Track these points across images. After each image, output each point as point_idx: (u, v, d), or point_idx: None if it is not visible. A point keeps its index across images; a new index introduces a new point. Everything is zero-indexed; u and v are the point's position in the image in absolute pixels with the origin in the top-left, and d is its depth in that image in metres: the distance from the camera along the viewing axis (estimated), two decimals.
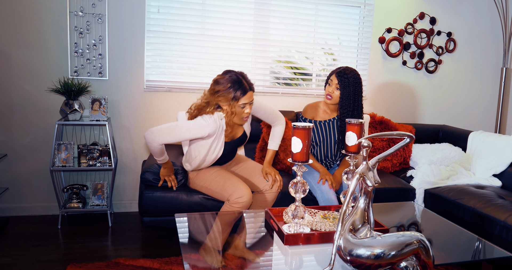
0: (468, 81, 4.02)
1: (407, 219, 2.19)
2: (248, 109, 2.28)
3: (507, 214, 2.26)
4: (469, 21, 3.91)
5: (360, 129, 1.82)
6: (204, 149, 2.36)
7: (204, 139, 2.34)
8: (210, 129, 2.26)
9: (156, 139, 2.22)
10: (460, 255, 1.79)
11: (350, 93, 2.56)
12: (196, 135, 2.27)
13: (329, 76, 2.65)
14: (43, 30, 2.95)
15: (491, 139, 3.11)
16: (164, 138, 2.23)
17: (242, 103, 2.24)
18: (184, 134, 2.25)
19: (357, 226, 1.51)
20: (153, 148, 2.27)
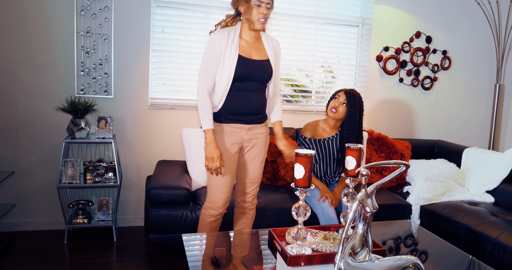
0: (463, 97, 4.13)
1: (404, 238, 2.28)
2: (264, 9, 2.14)
3: (499, 232, 2.36)
4: (464, 39, 4.03)
5: (359, 154, 1.92)
6: (217, 66, 2.19)
7: None
8: (218, 34, 2.18)
9: (198, 84, 2.20)
10: None
11: (356, 112, 2.70)
12: (211, 50, 2.17)
13: (337, 92, 2.78)
14: (51, 50, 3.04)
15: (484, 156, 3.22)
16: (200, 77, 2.19)
17: (256, 1, 2.11)
18: (205, 57, 2.19)
19: (357, 249, 1.60)
20: (199, 99, 2.20)
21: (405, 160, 3.36)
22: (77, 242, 3.05)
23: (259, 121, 2.33)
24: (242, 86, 2.21)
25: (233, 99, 2.22)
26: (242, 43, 2.21)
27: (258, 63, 2.22)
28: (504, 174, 2.99)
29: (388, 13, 3.76)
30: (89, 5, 3.02)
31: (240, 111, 2.24)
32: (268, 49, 2.28)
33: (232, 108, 2.23)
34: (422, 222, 2.85)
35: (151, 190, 2.58)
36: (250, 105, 2.25)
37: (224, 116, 2.26)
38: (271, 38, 2.34)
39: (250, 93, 2.24)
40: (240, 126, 2.27)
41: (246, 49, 2.21)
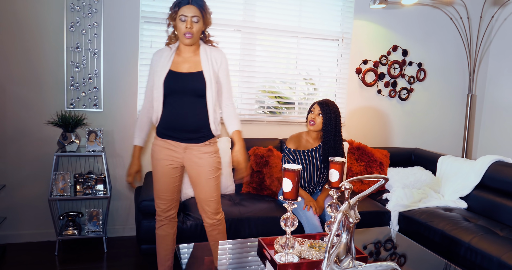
0: (438, 107, 4.35)
1: (383, 244, 2.43)
2: (189, 23, 2.12)
3: (471, 236, 2.54)
4: (438, 52, 4.25)
5: (341, 167, 2.06)
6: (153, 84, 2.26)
7: None
8: (157, 54, 2.29)
9: None
10: None
11: (332, 119, 2.84)
12: (149, 70, 2.31)
13: (312, 106, 2.92)
14: (41, 65, 3.11)
15: (458, 163, 3.41)
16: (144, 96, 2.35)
17: (181, 14, 2.12)
18: (148, 77, 2.33)
19: (341, 256, 1.73)
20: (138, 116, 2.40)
21: (384, 168, 3.53)
22: (67, 253, 3.11)
23: (198, 140, 2.26)
24: (176, 101, 2.19)
25: (167, 115, 2.22)
26: (177, 59, 2.23)
27: (188, 76, 2.19)
28: (476, 181, 3.18)
29: (366, 28, 3.95)
30: (78, 21, 3.11)
31: (173, 127, 2.22)
32: (204, 61, 2.23)
33: (166, 124, 2.24)
34: (400, 227, 3.02)
35: (143, 202, 2.67)
36: (184, 121, 2.20)
37: (161, 131, 2.28)
38: (211, 49, 2.28)
39: (185, 109, 2.20)
40: (176, 144, 2.26)
41: (179, 63, 2.22)
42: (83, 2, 3.09)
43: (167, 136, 2.25)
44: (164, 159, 2.28)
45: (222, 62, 2.29)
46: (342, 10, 3.85)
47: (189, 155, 2.26)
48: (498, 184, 3.07)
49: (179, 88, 2.18)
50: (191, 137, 2.24)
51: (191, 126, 2.22)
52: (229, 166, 3.24)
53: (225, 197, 3.10)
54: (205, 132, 2.26)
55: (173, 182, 2.34)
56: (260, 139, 3.47)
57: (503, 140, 4.29)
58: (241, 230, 2.76)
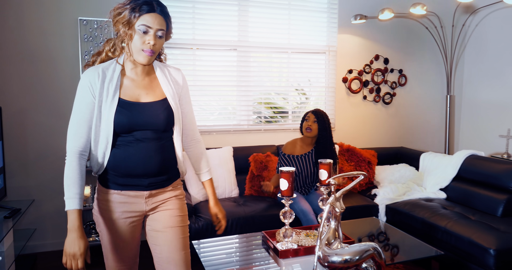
0: (420, 108, 4.75)
1: (370, 231, 2.81)
2: (152, 38, 1.57)
3: (447, 221, 2.92)
4: (417, 58, 4.66)
5: (329, 167, 2.45)
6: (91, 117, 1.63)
7: None
8: (89, 74, 1.62)
9: (67, 144, 1.64)
10: (407, 256, 2.42)
11: (325, 125, 3.27)
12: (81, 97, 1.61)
13: (306, 114, 3.34)
14: (60, 90, 3.49)
15: (438, 159, 3.80)
16: (68, 134, 1.64)
17: (142, 24, 1.56)
18: (74, 106, 1.63)
19: (331, 240, 2.12)
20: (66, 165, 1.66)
21: (372, 167, 3.92)
22: (93, 257, 3.48)
23: (163, 184, 1.77)
24: (133, 140, 1.66)
25: (122, 156, 1.66)
26: (125, 82, 1.65)
27: (150, 106, 1.67)
28: (453, 173, 3.57)
29: (350, 41, 4.35)
30: (92, 50, 3.50)
31: (133, 172, 1.67)
32: (165, 85, 1.73)
33: (121, 168, 1.67)
34: (387, 218, 3.40)
35: None
36: (147, 162, 1.67)
37: (113, 180, 1.70)
38: (169, 68, 1.79)
39: (146, 145, 1.67)
40: (136, 194, 1.72)
41: (131, 89, 1.66)
42: (95, 33, 3.49)
43: (124, 186, 1.69)
44: (122, 217, 1.71)
45: (184, 85, 1.82)
46: (327, 26, 4.26)
47: (152, 204, 1.76)
48: (472, 175, 3.46)
49: (139, 123, 1.64)
50: (155, 181, 1.73)
51: (156, 168, 1.71)
52: (232, 172, 3.62)
53: (231, 200, 3.49)
54: (171, 174, 1.79)
55: (136, 241, 1.82)
56: (259, 146, 3.85)
57: (480, 136, 4.68)
58: (246, 227, 3.14)
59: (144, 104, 1.67)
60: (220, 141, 3.97)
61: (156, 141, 1.70)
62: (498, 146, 4.40)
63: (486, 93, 4.62)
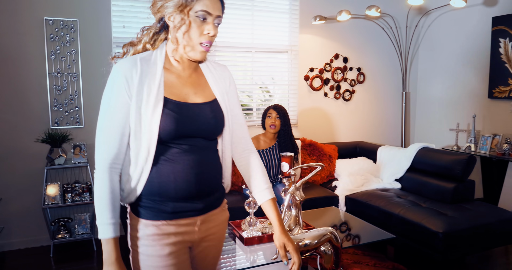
0: (377, 104, 5.01)
1: (330, 219, 3.01)
2: (211, 27, 1.30)
3: (400, 209, 3.16)
4: (374, 57, 4.91)
5: (290, 160, 2.61)
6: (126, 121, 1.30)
7: None
8: (125, 66, 1.29)
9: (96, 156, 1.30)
10: (363, 240, 2.62)
11: (287, 120, 3.45)
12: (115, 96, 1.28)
13: (267, 111, 3.50)
14: (26, 90, 3.51)
15: (393, 151, 4.06)
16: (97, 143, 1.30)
17: (202, 10, 1.28)
18: (104, 108, 1.31)
19: (292, 227, 2.28)
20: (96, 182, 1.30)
21: (333, 160, 4.13)
22: (62, 255, 3.52)
23: (216, 203, 1.46)
24: (180, 148, 1.33)
25: (167, 173, 1.31)
26: (169, 78, 1.35)
27: (200, 108, 1.37)
28: (407, 165, 3.82)
29: (311, 40, 4.55)
30: (58, 50, 3.53)
31: (185, 193, 1.33)
32: (213, 84, 1.44)
33: (168, 189, 1.32)
34: (347, 208, 3.61)
35: None
36: (201, 179, 1.35)
37: (157, 208, 1.33)
38: (214, 65, 1.50)
39: (198, 157, 1.35)
40: (188, 222, 1.37)
41: (177, 87, 1.36)
42: (61, 33, 3.52)
43: (174, 214, 1.34)
44: (170, 256, 1.35)
45: (231, 84, 1.53)
46: (289, 26, 4.44)
47: (204, 232, 1.43)
48: (424, 166, 3.72)
49: (191, 129, 1.33)
50: (210, 202, 1.42)
51: (211, 186, 1.41)
52: None
53: None
54: (221, 190, 1.51)
55: None
56: None
57: (433, 130, 4.99)
58: None
59: (194, 106, 1.36)
60: None
61: (207, 151, 1.40)
62: (449, 139, 4.71)
63: (438, 89, 4.93)
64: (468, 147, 4.16)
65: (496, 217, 3.06)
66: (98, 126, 1.32)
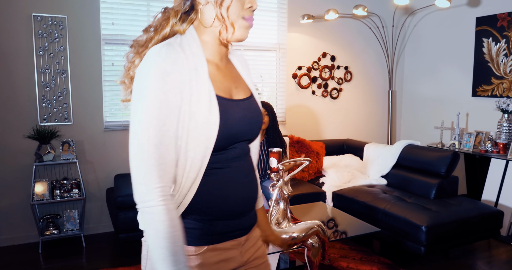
0: (364, 103, 5.09)
1: (317, 214, 3.06)
2: (255, 3, 1.12)
3: (385, 204, 3.22)
4: (361, 56, 4.98)
5: (279, 155, 2.66)
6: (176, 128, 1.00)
7: None
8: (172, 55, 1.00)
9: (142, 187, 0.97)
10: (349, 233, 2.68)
11: (274, 117, 3.50)
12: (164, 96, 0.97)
13: None
14: (14, 86, 3.50)
15: (379, 149, 4.13)
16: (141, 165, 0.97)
17: None
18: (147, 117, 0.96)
19: (280, 220, 2.33)
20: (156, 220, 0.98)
21: (320, 157, 4.18)
22: (50, 251, 3.52)
23: (254, 220, 1.23)
24: (226, 155, 1.10)
25: (216, 186, 1.08)
26: (210, 71, 1.09)
27: (246, 106, 1.15)
28: (393, 161, 3.90)
29: (299, 39, 4.60)
30: (47, 46, 3.53)
31: (234, 209, 1.11)
32: (246, 76, 1.25)
33: (219, 206, 1.09)
34: (334, 204, 3.67)
35: (118, 198, 3.16)
36: (248, 191, 1.15)
37: (201, 229, 1.09)
38: (236, 54, 1.29)
39: (242, 165, 1.15)
40: (233, 244, 1.13)
41: (221, 82, 1.11)
42: (49, 29, 3.52)
43: (222, 236, 1.11)
44: None
45: None
46: (277, 25, 4.48)
47: (245, 251, 1.18)
48: (409, 162, 3.79)
49: (243, 132, 1.12)
50: (254, 216, 1.22)
51: (254, 195, 1.19)
52: None
53: None
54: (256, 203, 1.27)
55: None
56: None
57: (419, 127, 5.09)
58: None
59: (241, 103, 1.13)
60: None
61: (248, 156, 1.19)
62: (433, 137, 4.81)
63: (424, 88, 5.02)
64: (452, 144, 4.25)
65: (478, 211, 3.15)
66: (137, 146, 0.97)
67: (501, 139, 3.87)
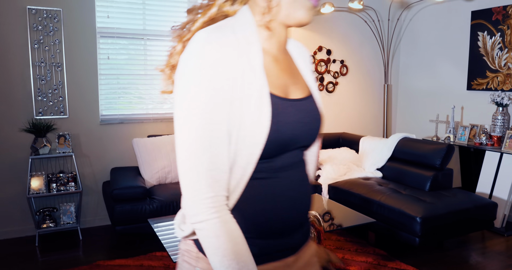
0: (360, 96, 5.10)
1: (314, 205, 3.07)
2: None
3: (381, 196, 3.25)
4: (357, 50, 4.99)
5: None
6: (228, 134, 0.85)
7: None
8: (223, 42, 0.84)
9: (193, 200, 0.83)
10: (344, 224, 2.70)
11: None
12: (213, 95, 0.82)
13: None
14: (9, 80, 3.49)
15: (375, 142, 4.15)
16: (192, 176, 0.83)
17: None
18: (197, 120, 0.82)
19: None
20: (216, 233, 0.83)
21: None
22: (47, 244, 3.53)
23: (306, 237, 1.05)
24: (274, 164, 0.92)
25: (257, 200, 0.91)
26: (265, 63, 0.92)
27: (304, 107, 0.97)
28: (388, 154, 3.92)
29: (295, 32, 4.60)
30: (42, 39, 3.52)
31: (280, 226, 0.94)
32: (306, 71, 1.06)
33: (256, 223, 0.92)
34: (330, 196, 3.69)
35: (114, 190, 3.17)
36: (300, 205, 0.98)
37: None
38: (297, 44, 1.09)
39: (293, 175, 0.97)
40: (281, 265, 0.97)
41: (276, 77, 0.94)
42: (44, 22, 3.51)
43: (267, 256, 0.95)
44: None
45: None
46: None
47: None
48: (404, 155, 3.82)
49: (298, 138, 0.95)
50: (305, 233, 1.04)
51: (304, 214, 1.02)
52: None
53: None
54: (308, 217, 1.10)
55: None
56: None
57: (414, 121, 5.11)
58: None
59: (298, 104, 0.96)
60: (172, 128, 4.09)
61: (301, 164, 1.01)
62: (428, 130, 4.83)
63: (419, 82, 5.04)
64: (447, 137, 4.27)
65: (473, 203, 3.17)
66: (182, 144, 0.84)
67: (495, 132, 3.90)
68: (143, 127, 3.99)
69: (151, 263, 3.02)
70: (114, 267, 3.00)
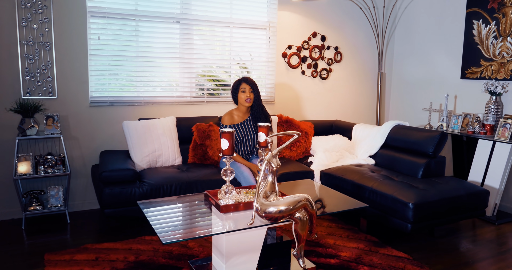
0: (353, 84, 5.06)
1: (307, 190, 3.05)
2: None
3: (373, 182, 3.23)
4: (351, 37, 4.94)
5: (267, 130, 2.62)
6: None
7: None
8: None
9: None
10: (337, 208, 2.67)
11: (258, 93, 3.55)
12: None
13: (238, 85, 3.50)
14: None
15: (368, 129, 4.12)
16: None
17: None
18: None
19: (268, 194, 2.31)
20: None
21: (309, 137, 4.17)
22: (34, 227, 3.46)
23: None
24: None
25: None
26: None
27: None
28: (381, 142, 3.90)
29: (290, 18, 4.54)
30: (30, 17, 3.41)
31: None
32: None
33: None
34: (322, 182, 3.67)
35: (103, 173, 3.10)
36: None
37: None
38: None
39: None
40: None
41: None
42: (33, 0, 3.40)
43: None
44: None
45: None
46: (268, 2, 4.41)
47: None
48: (397, 143, 3.80)
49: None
50: None
51: None
52: (176, 141, 3.72)
53: (174, 167, 3.59)
54: None
55: None
56: (202, 117, 3.97)
57: (407, 109, 5.09)
58: (190, 191, 3.27)
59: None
60: (163, 112, 4.04)
61: None
62: (422, 119, 4.82)
63: (413, 70, 5.01)
64: (440, 126, 4.26)
65: (465, 190, 3.16)
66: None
67: (488, 120, 3.89)
68: (134, 110, 3.92)
69: (140, 247, 2.98)
70: (102, 250, 2.95)
